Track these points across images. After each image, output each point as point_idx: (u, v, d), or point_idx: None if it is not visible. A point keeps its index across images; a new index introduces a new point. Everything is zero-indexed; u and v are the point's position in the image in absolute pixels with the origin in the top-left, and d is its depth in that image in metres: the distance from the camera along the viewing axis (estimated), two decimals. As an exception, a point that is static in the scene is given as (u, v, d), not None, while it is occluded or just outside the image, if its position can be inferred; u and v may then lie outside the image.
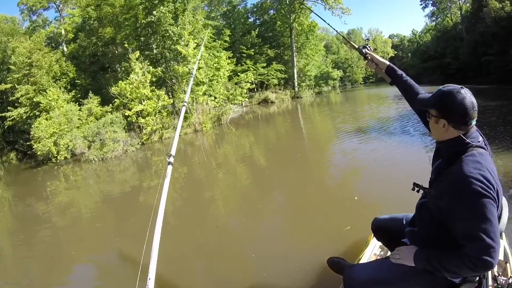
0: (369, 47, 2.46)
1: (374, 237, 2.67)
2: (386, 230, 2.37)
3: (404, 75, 2.38)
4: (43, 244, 6.40)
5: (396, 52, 58.53)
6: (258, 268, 4.07)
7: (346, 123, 14.89)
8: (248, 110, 27.46)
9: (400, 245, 1.98)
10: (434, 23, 43.91)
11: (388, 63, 2.38)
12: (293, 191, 7.11)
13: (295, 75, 32.45)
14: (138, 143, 15.78)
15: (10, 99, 19.75)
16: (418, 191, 1.99)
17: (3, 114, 19.21)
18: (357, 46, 2.53)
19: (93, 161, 14.12)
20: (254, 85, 27.38)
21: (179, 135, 12.75)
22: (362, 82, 52.62)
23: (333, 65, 42.57)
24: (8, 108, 18.98)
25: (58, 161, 15.24)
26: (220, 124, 19.18)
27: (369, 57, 2.45)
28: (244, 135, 16.24)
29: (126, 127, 16.19)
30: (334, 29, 2.94)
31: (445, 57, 32.75)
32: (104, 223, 7.07)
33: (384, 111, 17.25)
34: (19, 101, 18.50)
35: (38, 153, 15.56)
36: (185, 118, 17.77)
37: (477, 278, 1.78)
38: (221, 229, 5.66)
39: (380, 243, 2.81)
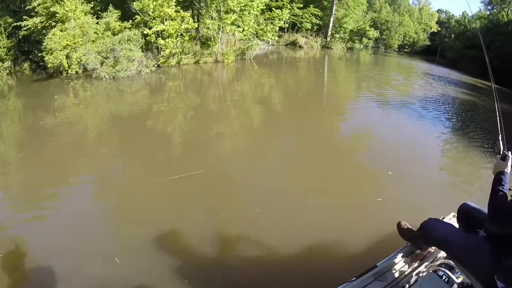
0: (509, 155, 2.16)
1: (447, 219, 3.16)
2: (469, 216, 2.45)
3: None
4: (43, 160, 5.97)
5: (439, 29, 53.72)
6: (264, 221, 3.96)
7: (370, 85, 14.38)
8: (274, 49, 25.97)
9: (476, 233, 2.22)
10: (488, 12, 39.61)
11: None
12: (308, 145, 6.64)
13: (331, 24, 29.78)
14: (153, 65, 14.47)
15: (26, 8, 18.25)
16: None
17: (18, 24, 17.72)
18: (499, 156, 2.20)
19: (104, 78, 13.00)
20: (286, 25, 25.21)
21: (198, 63, 11.72)
22: (396, 49, 49.06)
23: (371, 23, 39.21)
24: (24, 17, 17.49)
25: (69, 75, 14.05)
26: (243, 58, 17.78)
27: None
28: (265, 74, 15.23)
29: (143, 47, 14.74)
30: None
31: (489, 51, 29.01)
32: (108, 145, 6.59)
33: (409, 84, 16.61)
34: (36, 10, 16.89)
35: (49, 66, 14.35)
36: (207, 46, 16.25)
37: None
38: (225, 170, 5.41)
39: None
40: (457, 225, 2.65)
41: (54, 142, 6.72)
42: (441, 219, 3.03)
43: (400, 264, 2.66)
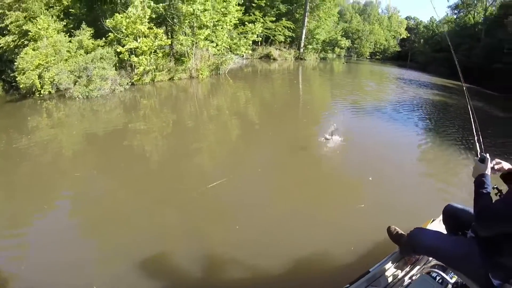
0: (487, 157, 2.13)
1: (437, 221, 3.06)
2: (455, 218, 2.45)
3: None
4: (17, 184, 5.78)
5: (409, 35, 55.26)
6: (245, 237, 3.87)
7: (344, 93, 14.69)
8: (249, 63, 26.03)
9: (463, 234, 2.25)
10: (455, 16, 41.24)
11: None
12: (286, 157, 6.54)
13: (303, 36, 30.27)
14: (127, 83, 14.17)
15: (-1, 27, 17.79)
16: (496, 194, 2.05)
17: (-12, 43, 17.23)
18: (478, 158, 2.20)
19: (77, 98, 12.67)
20: (259, 38, 25.40)
21: (173, 79, 11.61)
22: (368, 57, 50.07)
23: (343, 33, 40.08)
24: (-4, 36, 17.08)
25: (42, 95, 13.68)
26: (218, 73, 17.75)
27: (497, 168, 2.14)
28: (240, 88, 15.25)
29: (117, 65, 14.47)
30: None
31: (457, 53, 29.93)
32: (83, 168, 6.36)
33: (383, 90, 17.23)
34: (8, 28, 16.44)
35: (21, 86, 13.90)
36: (182, 62, 16.14)
37: None
38: (207, 187, 5.13)
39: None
40: (444, 229, 2.65)
41: (28, 165, 6.55)
42: (431, 221, 3.12)
43: (392, 268, 2.65)
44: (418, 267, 2.69)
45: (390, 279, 2.55)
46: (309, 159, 6.51)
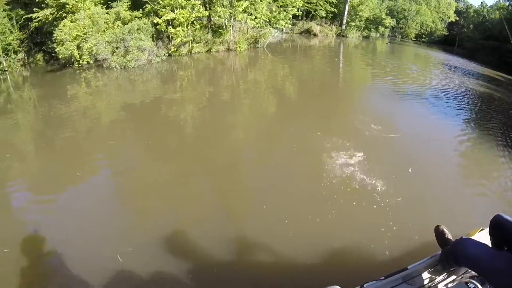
0: None
1: (486, 231, 2.73)
2: (503, 230, 2.23)
3: None
4: (55, 150, 5.99)
5: (457, 19, 52.06)
6: (279, 220, 3.68)
7: (386, 75, 13.66)
8: (288, 37, 25.30)
9: (510, 250, 2.07)
10: (508, 3, 37.49)
11: None
12: (323, 139, 6.00)
13: (346, 12, 28.94)
14: (164, 54, 14.20)
15: (37, 0, 18.17)
16: None
17: (29, 16, 17.67)
18: None
19: (115, 68, 12.86)
20: (300, 13, 24.55)
21: (210, 51, 11.45)
22: (413, 39, 47.64)
23: (388, 11, 38.16)
24: (35, 9, 17.44)
25: (80, 65, 13.95)
26: (256, 47, 17.36)
27: None
28: (279, 63, 14.74)
29: (154, 36, 14.45)
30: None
31: (508, 43, 27.87)
32: (119, 136, 6.52)
33: (425, 74, 15.98)
34: (46, 2, 16.76)
35: (60, 57, 14.28)
36: (219, 34, 15.84)
37: None
38: (238, 161, 5.29)
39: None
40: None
41: (66, 132, 6.66)
42: (479, 230, 2.90)
43: (431, 270, 2.53)
44: (455, 276, 2.55)
45: (426, 282, 2.48)
46: (346, 145, 5.99)
